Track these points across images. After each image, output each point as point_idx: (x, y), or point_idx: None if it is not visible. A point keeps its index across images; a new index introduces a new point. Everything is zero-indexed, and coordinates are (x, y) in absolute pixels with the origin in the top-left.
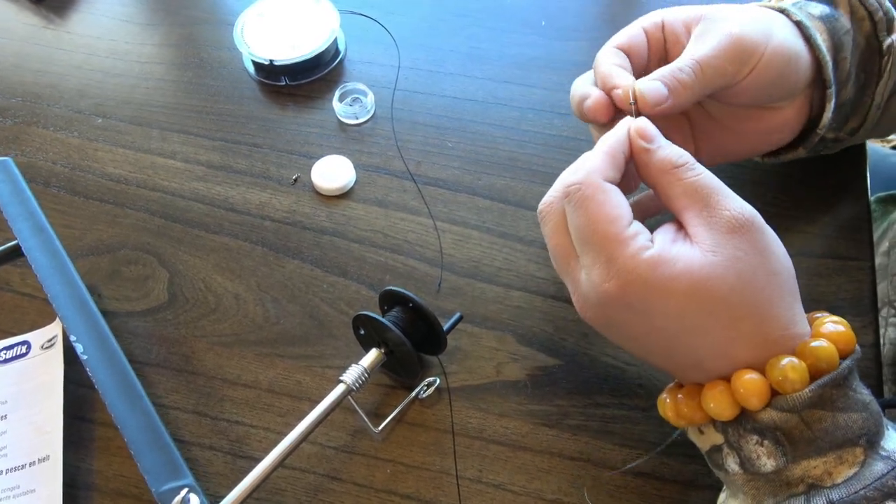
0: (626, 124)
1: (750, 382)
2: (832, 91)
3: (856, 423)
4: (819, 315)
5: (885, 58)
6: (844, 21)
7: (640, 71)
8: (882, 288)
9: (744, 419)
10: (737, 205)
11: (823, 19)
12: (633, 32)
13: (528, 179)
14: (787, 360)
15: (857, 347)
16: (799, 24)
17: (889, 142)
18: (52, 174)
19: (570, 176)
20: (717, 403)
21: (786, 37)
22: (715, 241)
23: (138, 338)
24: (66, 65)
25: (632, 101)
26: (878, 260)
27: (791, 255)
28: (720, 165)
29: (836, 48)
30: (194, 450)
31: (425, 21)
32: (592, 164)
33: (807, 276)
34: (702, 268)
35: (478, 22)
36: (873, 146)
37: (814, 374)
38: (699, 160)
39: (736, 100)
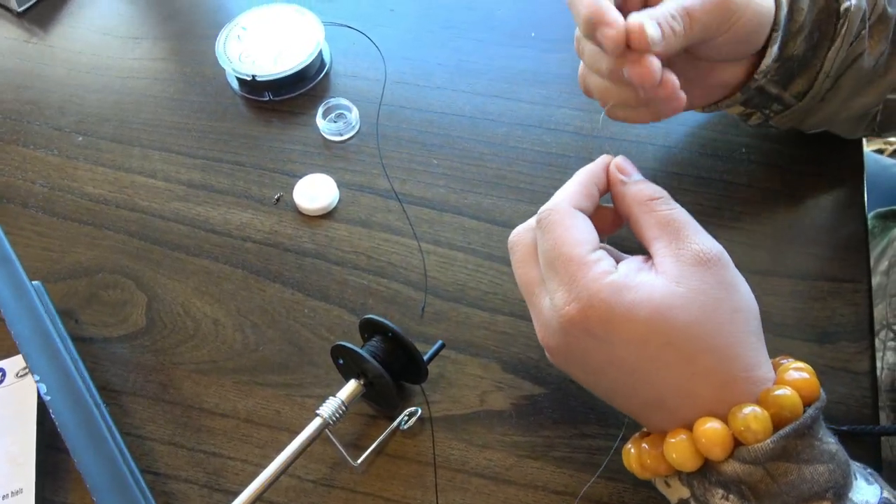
0: (604, 160)
1: (712, 432)
2: (778, 35)
3: (822, 475)
4: (784, 360)
5: (842, 21)
6: None
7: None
8: (880, 310)
9: (708, 472)
10: (706, 240)
11: None
12: None
13: (516, 198)
14: (749, 409)
15: (823, 395)
16: None
17: (891, 143)
18: (30, 194)
19: (544, 206)
20: (680, 453)
21: None
22: (680, 272)
23: (115, 365)
24: (48, 80)
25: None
26: (875, 279)
27: (784, 277)
28: (712, 185)
29: None
30: (170, 482)
31: (412, 33)
32: (565, 193)
33: (801, 300)
34: (663, 297)
35: (465, 34)
36: (873, 156)
37: (777, 424)
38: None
39: (699, 53)
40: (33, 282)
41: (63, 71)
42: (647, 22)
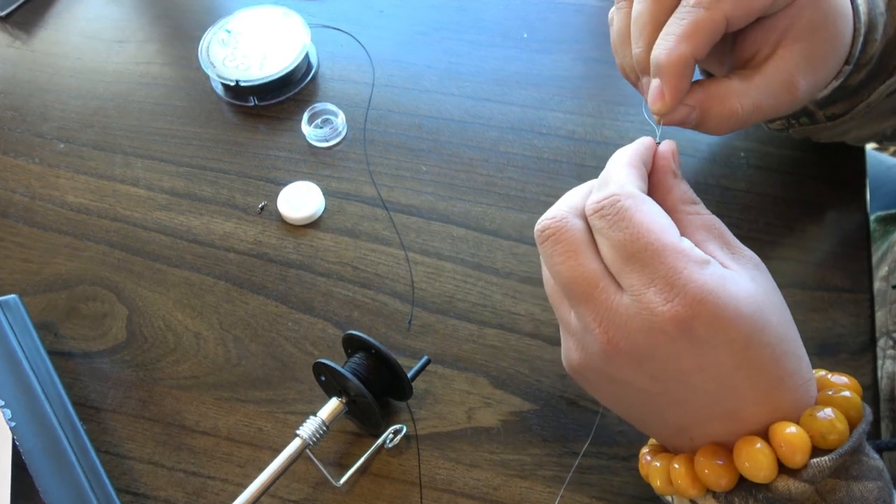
0: (646, 142)
1: (793, 437)
2: (848, 69)
3: (871, 492)
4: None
5: None
6: (881, 2)
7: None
8: (880, 316)
9: (755, 488)
10: (748, 248)
11: None
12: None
13: (506, 206)
14: (828, 411)
15: (868, 409)
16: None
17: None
18: (10, 203)
19: (595, 193)
20: (756, 461)
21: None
22: (749, 272)
23: (95, 380)
24: (30, 85)
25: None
26: (875, 285)
27: (783, 287)
28: (709, 191)
29: (869, 25)
30: (149, 503)
31: (401, 35)
32: (622, 177)
33: (800, 311)
34: (758, 294)
35: (456, 35)
36: (876, 156)
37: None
38: None
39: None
40: (9, 295)
41: (45, 76)
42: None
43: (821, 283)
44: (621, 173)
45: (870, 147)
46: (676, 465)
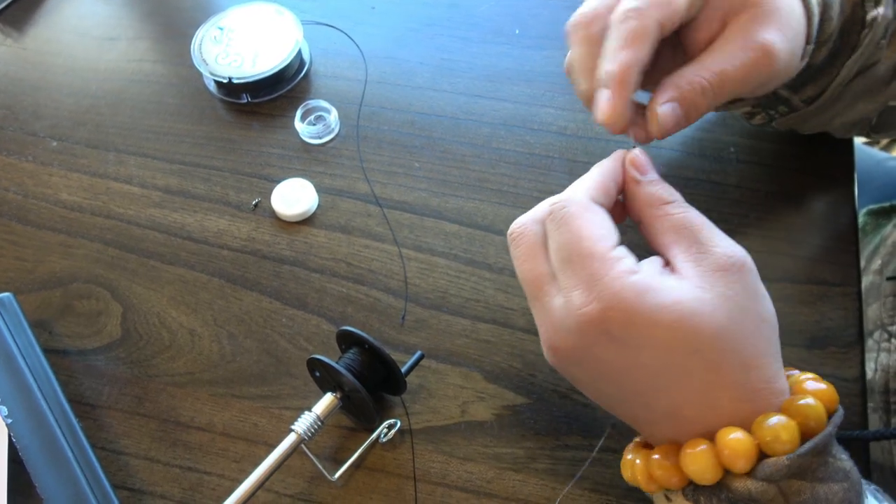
0: (620, 154)
1: (736, 442)
2: (809, 48)
3: (836, 494)
4: (792, 373)
5: (866, 30)
6: None
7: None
8: (874, 310)
9: (717, 488)
10: (728, 243)
11: None
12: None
13: (498, 202)
14: (776, 419)
15: (840, 409)
16: None
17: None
18: (3, 202)
19: (555, 197)
20: (699, 464)
21: (800, 27)
22: (704, 277)
23: (90, 378)
24: (22, 83)
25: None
26: (868, 279)
27: (773, 281)
28: (700, 186)
29: (825, 5)
30: (145, 499)
31: (394, 31)
32: (582, 185)
33: (790, 304)
34: (690, 302)
35: (448, 31)
36: (865, 150)
37: (803, 435)
38: None
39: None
40: (3, 294)
41: (37, 74)
42: (659, 111)
43: (810, 277)
44: (583, 183)
45: (860, 141)
46: (638, 461)
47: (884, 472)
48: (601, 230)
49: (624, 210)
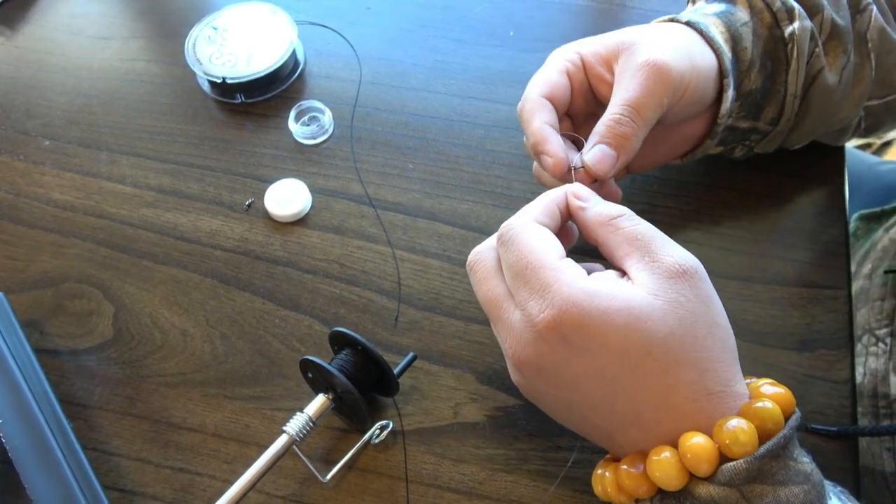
0: (564, 188)
1: (697, 447)
2: (729, 81)
3: (797, 497)
4: (752, 380)
5: (790, 45)
6: (742, 14)
7: (567, 109)
8: (863, 314)
9: (681, 495)
10: (679, 251)
11: (719, 15)
12: (555, 80)
13: (492, 203)
14: (735, 422)
15: (798, 411)
16: (700, 32)
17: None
18: None
19: (504, 223)
20: (664, 471)
21: (703, 54)
22: (657, 284)
23: (81, 378)
24: (15, 82)
25: (577, 166)
26: (858, 283)
27: (764, 284)
28: (692, 189)
29: (734, 40)
30: (136, 500)
31: (388, 32)
32: (527, 209)
33: (780, 307)
34: (641, 307)
35: (442, 33)
36: (857, 154)
37: (761, 438)
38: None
39: (662, 121)
40: None
41: (30, 72)
42: (588, 158)
43: (800, 280)
44: (530, 207)
45: (851, 145)
46: (608, 474)
47: (874, 477)
48: (547, 244)
49: (570, 234)
